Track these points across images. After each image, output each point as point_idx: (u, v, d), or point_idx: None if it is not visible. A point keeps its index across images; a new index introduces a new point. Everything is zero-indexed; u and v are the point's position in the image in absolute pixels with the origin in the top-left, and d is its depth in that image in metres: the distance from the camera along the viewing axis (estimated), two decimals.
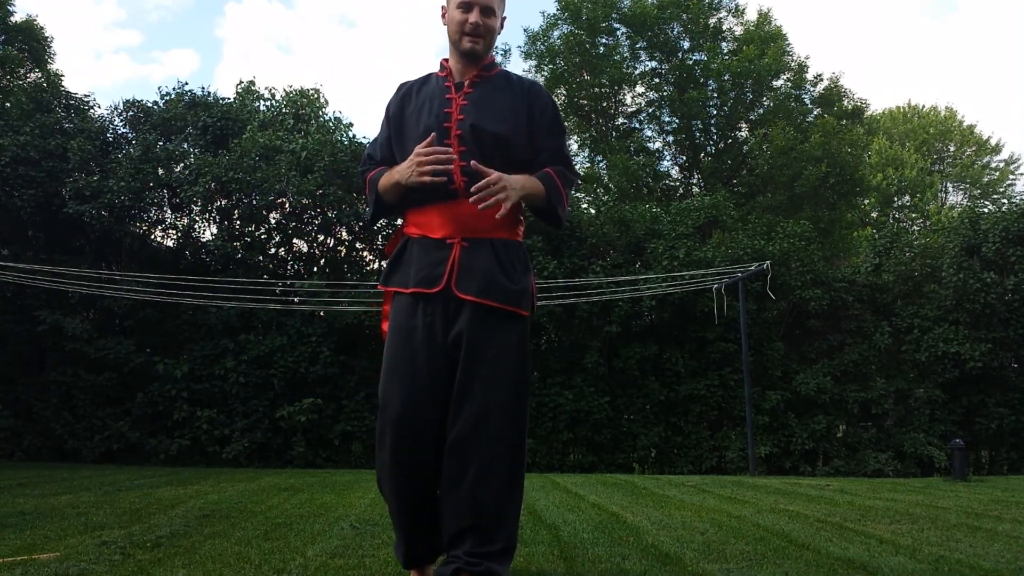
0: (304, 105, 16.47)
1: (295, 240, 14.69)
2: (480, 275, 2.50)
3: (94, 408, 12.85)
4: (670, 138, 20.00)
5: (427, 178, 2.44)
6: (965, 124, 31.28)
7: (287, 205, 14.08)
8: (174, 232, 14.87)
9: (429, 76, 2.76)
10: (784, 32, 19.82)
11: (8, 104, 14.11)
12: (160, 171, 13.90)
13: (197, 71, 52.47)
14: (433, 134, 2.49)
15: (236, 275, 12.92)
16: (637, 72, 19.67)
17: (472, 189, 2.42)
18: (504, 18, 2.68)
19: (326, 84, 58.71)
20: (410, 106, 2.70)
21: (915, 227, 26.48)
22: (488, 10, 2.56)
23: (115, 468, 10.79)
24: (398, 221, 2.83)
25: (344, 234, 14.82)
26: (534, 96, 2.65)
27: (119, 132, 14.89)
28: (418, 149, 2.46)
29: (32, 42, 15.85)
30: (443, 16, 2.66)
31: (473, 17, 2.54)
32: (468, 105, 2.57)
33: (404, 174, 2.51)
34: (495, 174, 2.42)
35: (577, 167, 18.83)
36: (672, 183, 20.59)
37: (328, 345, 13.04)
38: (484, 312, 2.49)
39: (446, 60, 2.71)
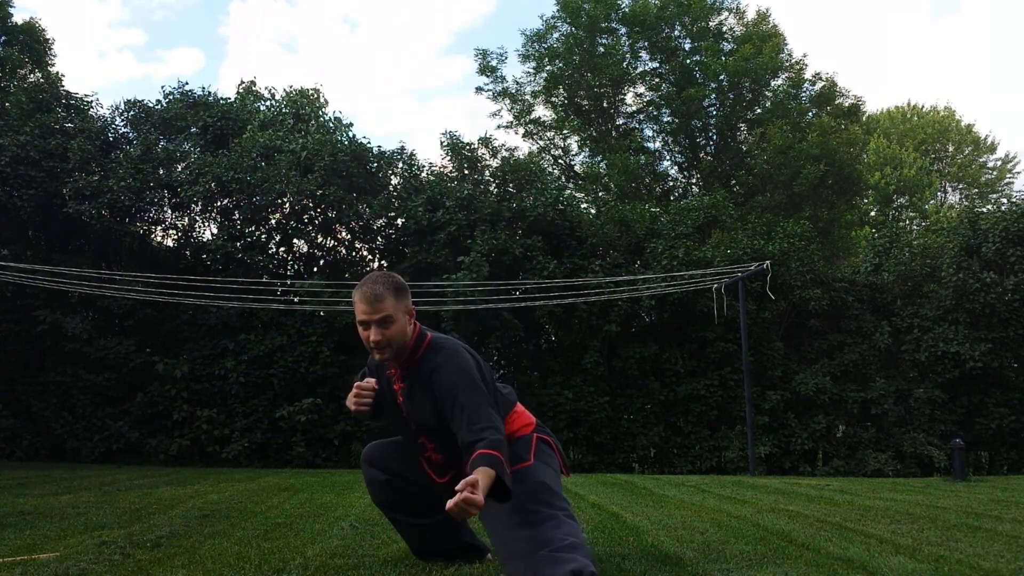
0: (304, 105, 16.47)
1: (295, 240, 14.70)
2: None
3: (94, 408, 12.85)
4: (669, 138, 20.00)
5: (353, 407, 2.77)
6: (964, 123, 31.28)
7: (287, 205, 14.09)
8: (174, 232, 14.88)
9: None
10: (781, 31, 19.84)
11: (8, 104, 14.11)
12: (160, 171, 13.90)
13: (201, 70, 52.36)
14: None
15: (236, 275, 12.92)
16: (637, 72, 19.67)
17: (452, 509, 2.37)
18: (412, 309, 2.73)
19: (328, 84, 58.73)
20: (380, 385, 2.89)
21: (913, 226, 26.47)
22: (384, 322, 2.64)
23: (115, 468, 10.79)
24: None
25: (344, 234, 14.82)
26: (434, 383, 2.69)
27: (119, 132, 14.91)
28: (357, 384, 2.80)
29: (33, 43, 15.83)
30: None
31: (373, 336, 2.65)
32: (405, 402, 2.80)
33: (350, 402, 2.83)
34: (466, 496, 2.27)
35: (577, 167, 18.58)
36: (671, 183, 20.60)
37: (328, 345, 13.04)
38: None
39: None
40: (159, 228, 14.86)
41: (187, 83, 16.55)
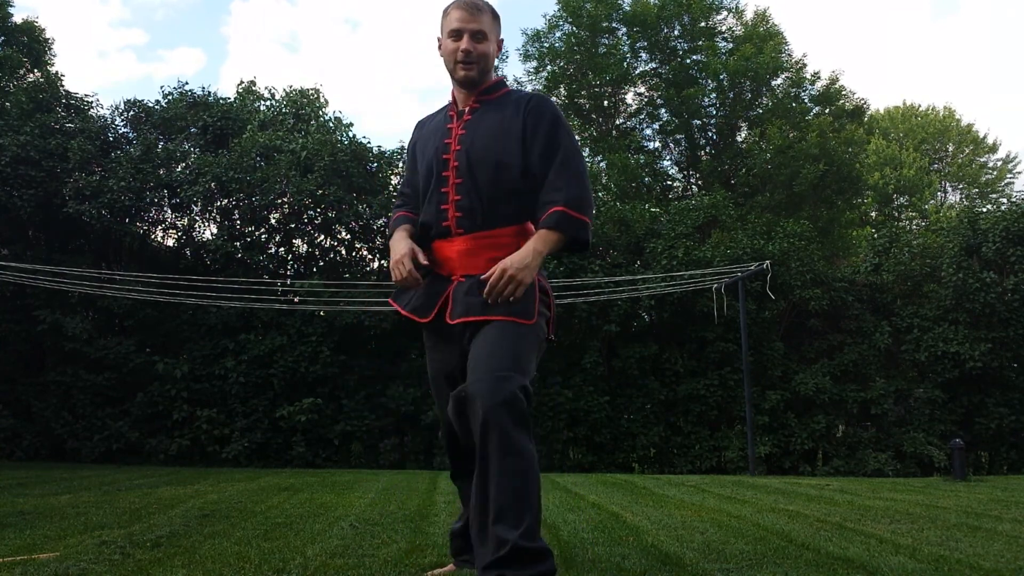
0: (304, 105, 16.47)
1: (295, 240, 14.70)
2: (468, 302, 2.44)
3: (94, 408, 12.85)
4: (668, 138, 20.00)
5: (397, 281, 2.52)
6: (963, 123, 31.29)
7: (287, 205, 14.09)
8: (174, 232, 14.88)
9: (443, 108, 2.76)
10: (781, 31, 19.85)
11: (8, 104, 14.11)
12: (160, 171, 13.91)
13: (202, 69, 52.31)
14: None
15: (236, 275, 12.93)
16: (637, 72, 19.67)
17: (485, 293, 2.35)
18: (501, 40, 2.65)
19: (328, 84, 58.77)
20: (420, 140, 2.72)
21: (913, 226, 26.46)
22: (479, 35, 2.52)
23: (115, 468, 10.79)
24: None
25: (344, 234, 14.82)
26: (530, 111, 2.52)
27: (120, 132, 14.91)
28: (405, 259, 2.47)
29: (32, 43, 15.83)
30: (439, 48, 2.63)
31: (464, 44, 2.50)
32: (465, 134, 2.54)
33: (391, 261, 2.57)
34: (496, 271, 2.33)
35: None
36: (671, 183, 20.60)
37: (328, 345, 13.04)
38: (479, 323, 2.43)
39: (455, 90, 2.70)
40: (159, 228, 14.87)
41: (187, 83, 16.58)
